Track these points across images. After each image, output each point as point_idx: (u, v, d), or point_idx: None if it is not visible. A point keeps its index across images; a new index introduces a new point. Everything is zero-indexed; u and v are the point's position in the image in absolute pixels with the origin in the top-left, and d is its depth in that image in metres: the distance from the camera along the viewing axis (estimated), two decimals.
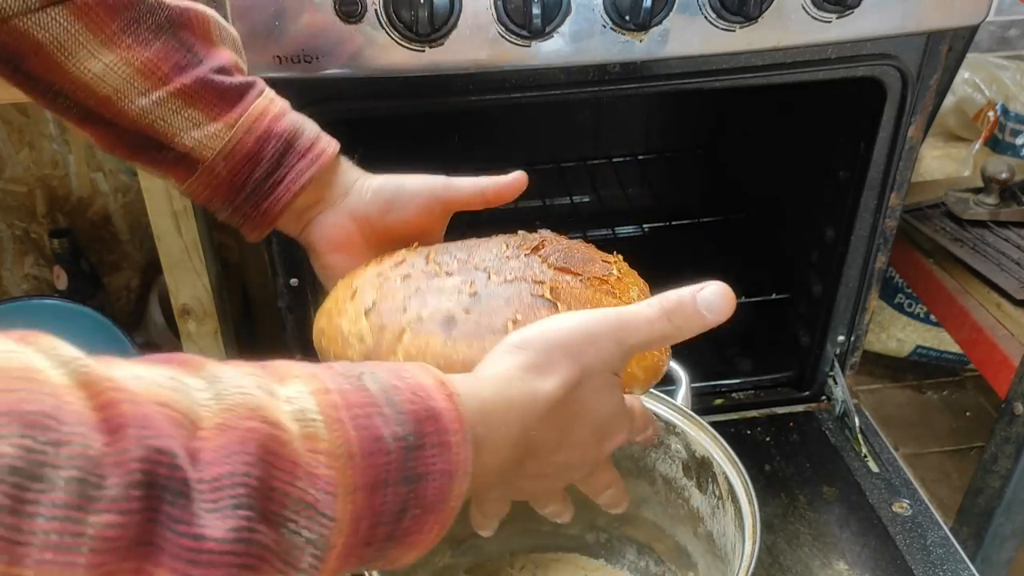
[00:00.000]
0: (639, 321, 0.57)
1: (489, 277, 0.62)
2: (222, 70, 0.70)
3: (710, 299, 0.59)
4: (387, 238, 0.73)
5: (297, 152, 0.71)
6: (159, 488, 0.35)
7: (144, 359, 0.41)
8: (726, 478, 0.83)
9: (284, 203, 0.71)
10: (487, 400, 0.49)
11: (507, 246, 0.67)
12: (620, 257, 0.71)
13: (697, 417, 0.88)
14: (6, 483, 0.32)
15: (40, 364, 0.35)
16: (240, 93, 0.70)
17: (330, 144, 0.73)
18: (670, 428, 0.90)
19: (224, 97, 0.70)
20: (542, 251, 0.65)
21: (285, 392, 0.42)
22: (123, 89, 0.67)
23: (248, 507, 0.37)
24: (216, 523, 0.36)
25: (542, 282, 0.62)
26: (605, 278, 0.65)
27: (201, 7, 0.71)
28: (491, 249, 0.66)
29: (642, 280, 0.70)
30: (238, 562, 0.37)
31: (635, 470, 0.95)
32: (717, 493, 0.85)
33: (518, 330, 0.54)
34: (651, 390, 0.88)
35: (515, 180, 0.74)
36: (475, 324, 0.60)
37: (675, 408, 0.90)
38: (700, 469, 0.87)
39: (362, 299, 0.65)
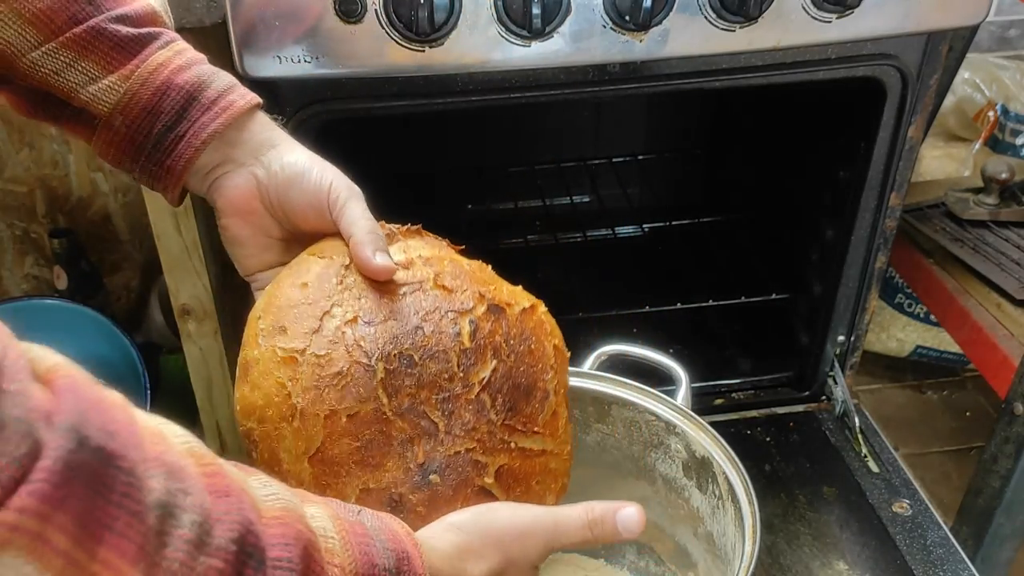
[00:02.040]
0: (567, 529, 0.63)
1: (437, 439, 0.63)
2: (123, 19, 0.66)
3: (626, 521, 0.65)
4: (285, 218, 0.70)
5: (201, 105, 0.67)
6: (246, 550, 0.43)
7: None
8: (726, 478, 0.83)
9: (186, 159, 0.67)
10: (435, 563, 0.56)
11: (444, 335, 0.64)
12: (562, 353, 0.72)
13: (697, 417, 0.88)
14: (154, 512, 0.39)
15: (167, 431, 0.44)
16: (140, 44, 0.66)
17: (242, 98, 0.68)
18: (670, 428, 0.90)
19: (120, 48, 0.65)
20: (491, 387, 0.64)
21: (310, 510, 0.50)
22: (15, 42, 0.64)
23: None
24: None
25: (486, 466, 0.64)
26: (544, 437, 0.68)
27: None
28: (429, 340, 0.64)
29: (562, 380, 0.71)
30: None
31: (635, 470, 0.95)
32: (717, 493, 0.85)
33: (458, 514, 0.61)
34: (651, 390, 0.89)
35: (374, 271, 0.65)
36: (420, 518, 0.61)
37: (675, 408, 0.90)
38: (700, 469, 0.87)
39: (304, 435, 0.61)
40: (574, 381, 0.91)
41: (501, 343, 0.65)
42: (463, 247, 0.73)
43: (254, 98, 0.69)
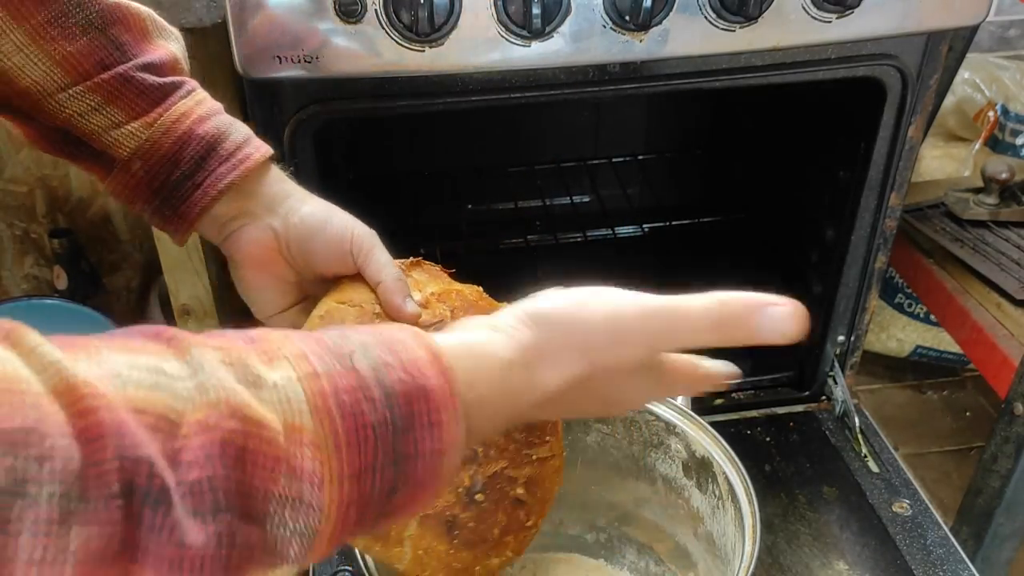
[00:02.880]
0: (683, 329, 0.55)
1: (478, 463, 0.69)
2: (150, 67, 0.68)
3: (774, 320, 0.57)
4: (305, 266, 0.72)
5: (219, 156, 0.68)
6: (140, 496, 0.35)
7: (129, 339, 0.40)
8: (726, 478, 0.83)
9: (201, 207, 0.69)
10: (482, 381, 0.48)
11: None
12: None
13: (697, 417, 0.88)
14: None
15: (23, 373, 0.35)
16: (164, 93, 0.68)
17: (258, 150, 0.70)
18: (670, 428, 0.90)
19: (145, 96, 0.67)
20: None
21: (272, 377, 0.41)
22: (43, 82, 0.65)
23: (228, 509, 0.37)
24: (197, 528, 0.36)
25: (516, 479, 0.70)
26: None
27: (138, 5, 0.69)
28: None
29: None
30: (222, 564, 0.37)
31: (635, 470, 0.95)
32: (717, 493, 0.85)
33: (535, 300, 0.53)
34: None
35: (407, 318, 0.68)
36: (472, 532, 0.68)
37: (675, 408, 0.90)
38: (700, 469, 0.87)
39: None
40: None
41: None
42: (454, 270, 0.77)
43: (268, 150, 0.71)
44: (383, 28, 0.85)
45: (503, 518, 0.70)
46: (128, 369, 0.38)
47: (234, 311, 1.34)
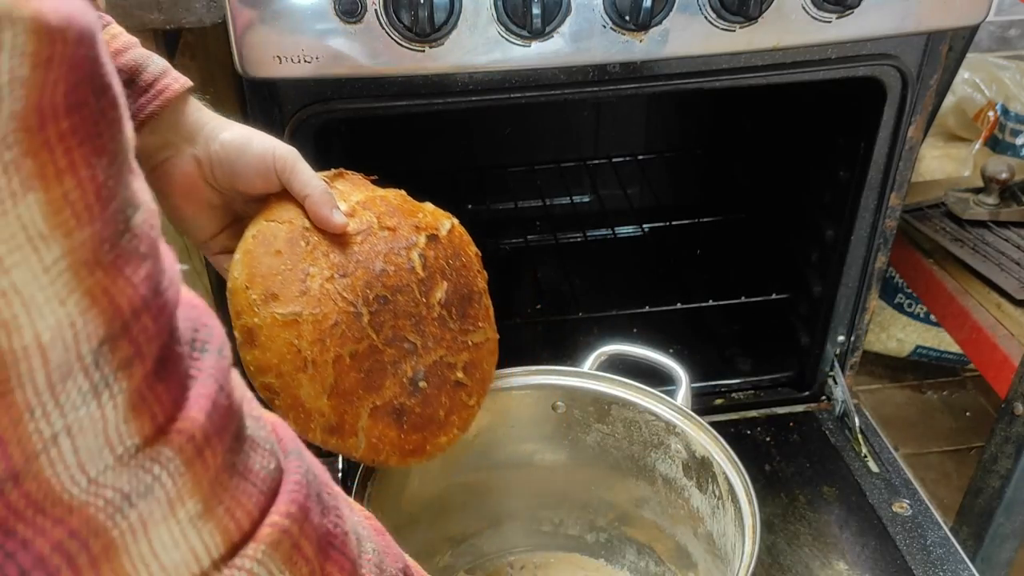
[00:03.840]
0: None
1: (417, 355, 0.76)
2: None
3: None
4: (231, 190, 0.73)
5: (138, 88, 0.69)
6: None
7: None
8: (726, 478, 0.83)
9: None
10: None
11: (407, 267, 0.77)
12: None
13: (697, 417, 0.88)
14: (352, 536, 0.43)
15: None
16: None
17: (176, 81, 0.71)
18: (670, 428, 0.90)
19: None
20: (446, 304, 0.79)
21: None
22: None
23: None
24: None
25: (455, 364, 0.79)
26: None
27: None
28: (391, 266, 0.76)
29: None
30: None
31: (635, 470, 0.95)
32: (717, 493, 0.85)
33: None
34: (651, 390, 0.89)
35: (336, 227, 0.73)
36: (420, 416, 0.77)
37: (675, 408, 0.90)
38: (700, 469, 0.87)
39: (319, 379, 0.71)
40: (574, 381, 0.92)
41: (443, 265, 0.79)
42: (375, 177, 0.83)
43: (187, 82, 0.72)
44: (383, 28, 0.85)
45: (446, 400, 0.79)
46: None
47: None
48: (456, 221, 0.85)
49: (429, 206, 0.84)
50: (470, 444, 0.94)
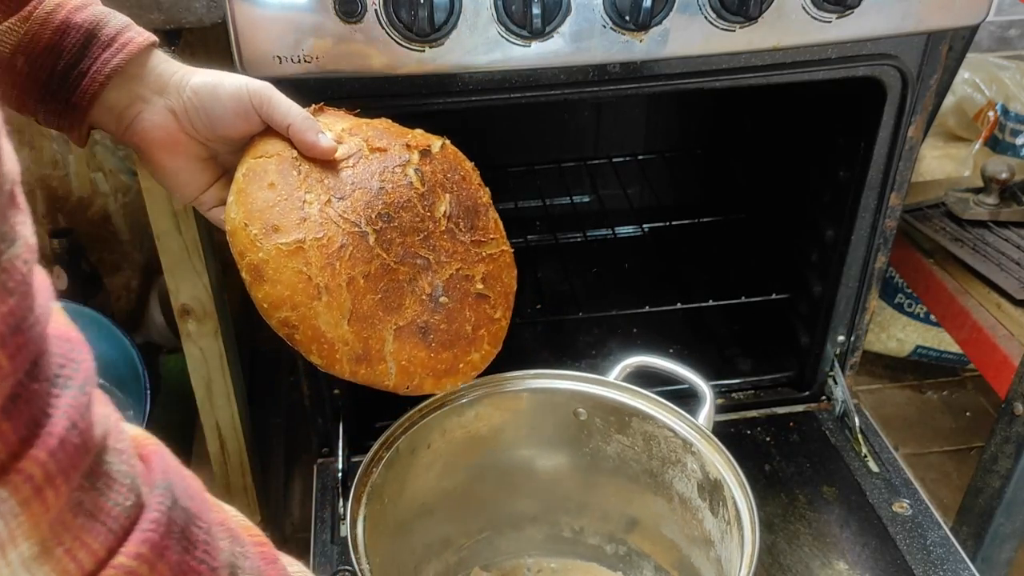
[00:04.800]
0: None
1: (432, 270, 0.75)
2: None
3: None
4: (211, 136, 0.72)
5: (101, 43, 0.68)
6: None
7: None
8: (735, 503, 0.82)
9: (91, 95, 0.68)
10: None
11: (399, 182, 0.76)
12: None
13: (714, 438, 0.88)
14: (225, 570, 0.42)
15: (222, 503, 0.46)
16: None
17: (140, 35, 0.70)
18: (687, 446, 0.89)
19: None
20: (452, 217, 0.78)
21: None
22: None
23: None
24: None
25: (473, 276, 0.78)
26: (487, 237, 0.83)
27: None
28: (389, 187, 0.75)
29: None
30: None
31: (653, 485, 0.95)
32: (726, 518, 0.84)
33: None
34: (672, 405, 0.90)
35: (324, 151, 0.72)
36: (446, 332, 0.75)
37: (693, 426, 0.89)
38: (713, 491, 0.87)
39: (336, 305, 0.70)
40: (598, 389, 0.92)
41: (442, 179, 0.78)
42: (359, 110, 0.82)
43: (151, 36, 0.71)
44: (383, 28, 0.85)
45: (471, 314, 0.77)
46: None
47: (234, 311, 1.34)
48: (447, 140, 0.84)
49: (418, 130, 0.83)
50: (489, 440, 0.94)
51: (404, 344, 0.73)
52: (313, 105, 0.80)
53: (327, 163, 0.73)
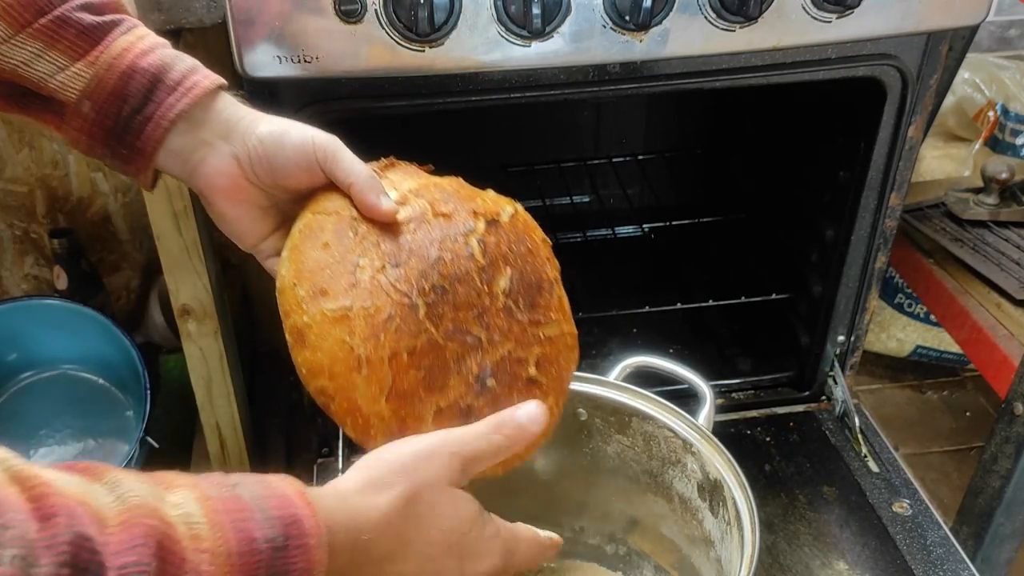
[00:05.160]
0: (471, 436, 0.64)
1: (483, 350, 0.70)
2: (88, 7, 0.67)
3: (529, 413, 0.67)
4: (273, 186, 0.71)
5: (166, 87, 0.68)
6: (81, 570, 0.41)
7: (54, 466, 0.46)
8: (735, 503, 0.82)
9: (155, 141, 0.68)
10: (334, 513, 0.55)
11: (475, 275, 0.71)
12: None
13: (713, 438, 0.88)
14: None
15: None
16: (104, 30, 0.67)
17: (206, 78, 0.70)
18: (687, 446, 0.89)
19: (85, 36, 0.67)
20: (512, 293, 0.72)
21: (172, 498, 0.48)
22: None
23: None
24: None
25: (526, 360, 0.72)
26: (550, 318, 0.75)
27: None
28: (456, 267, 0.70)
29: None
30: None
31: (653, 486, 0.95)
32: (726, 519, 0.84)
33: (373, 452, 0.62)
34: (672, 406, 0.89)
35: (385, 214, 0.69)
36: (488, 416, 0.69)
37: (694, 427, 0.89)
38: (713, 492, 0.87)
39: (376, 379, 0.67)
40: (598, 390, 0.92)
41: (506, 251, 0.72)
42: (431, 166, 0.78)
43: (218, 79, 0.71)
44: (383, 28, 0.85)
45: (519, 399, 0.70)
46: (63, 476, 0.45)
47: (234, 311, 1.34)
48: (520, 207, 0.78)
49: (490, 193, 0.78)
50: None
51: (443, 426, 0.68)
52: (383, 159, 0.77)
53: (387, 225, 0.69)
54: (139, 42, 0.68)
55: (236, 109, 0.71)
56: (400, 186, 0.73)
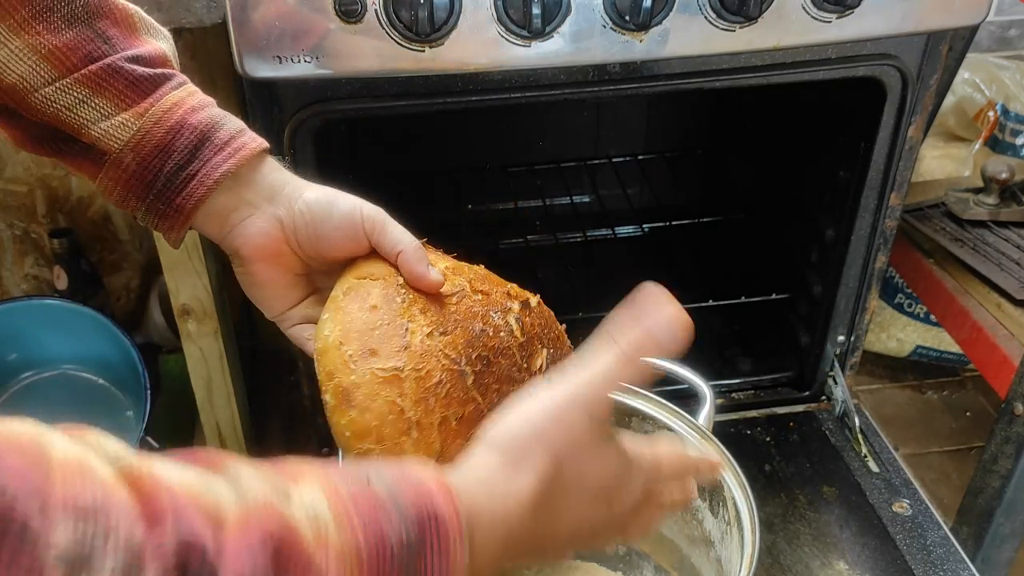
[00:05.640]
0: (601, 384, 0.58)
1: None
2: (139, 59, 0.67)
3: (664, 325, 0.59)
4: (313, 253, 0.70)
5: (214, 146, 0.67)
6: (190, 574, 0.38)
7: (173, 456, 0.44)
8: (735, 503, 0.82)
9: (198, 198, 0.67)
10: (477, 503, 0.50)
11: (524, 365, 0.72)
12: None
13: (713, 438, 0.87)
14: (60, 568, 0.35)
15: (93, 461, 0.39)
16: (155, 83, 0.67)
17: (254, 140, 0.69)
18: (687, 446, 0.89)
19: (135, 87, 0.66)
20: (546, 372, 0.72)
21: (299, 494, 0.45)
22: (28, 77, 0.64)
23: None
24: None
25: None
26: None
27: (125, 2, 0.68)
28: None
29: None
30: None
31: None
32: (726, 519, 0.84)
33: (491, 426, 0.56)
34: (672, 406, 0.89)
35: (432, 284, 0.69)
36: None
37: (693, 426, 0.89)
38: (713, 492, 0.87)
39: (425, 444, 0.65)
40: None
41: (540, 332, 0.74)
42: (456, 254, 0.78)
43: (264, 142, 0.70)
44: (383, 28, 0.85)
45: None
46: (179, 471, 0.42)
47: (234, 311, 1.34)
48: (540, 298, 0.80)
49: (513, 284, 0.80)
50: None
51: None
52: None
53: (431, 296, 0.69)
54: (189, 98, 0.68)
55: (281, 174, 0.71)
56: (437, 264, 0.73)
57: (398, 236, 0.69)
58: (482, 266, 0.78)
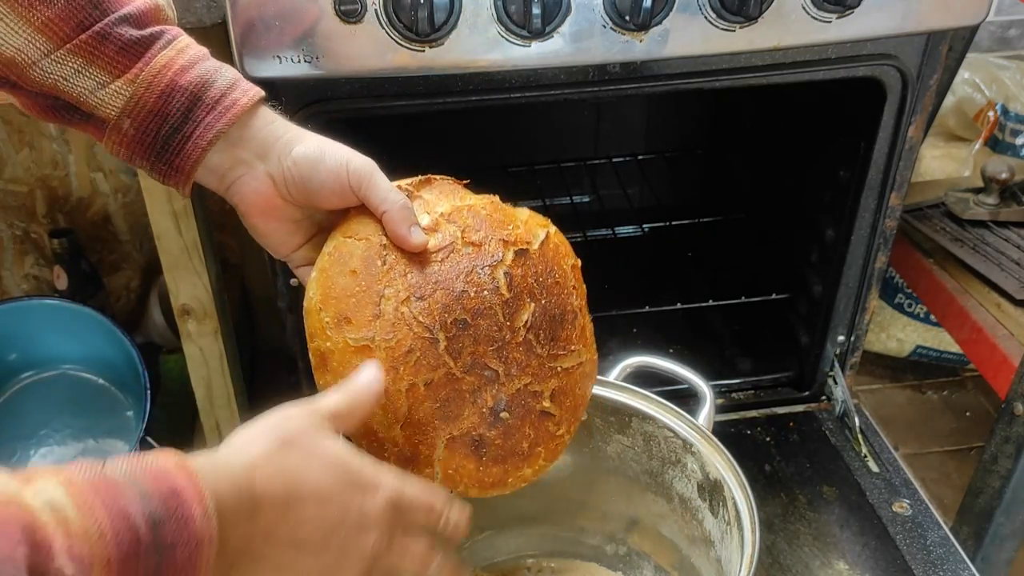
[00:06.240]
0: (328, 398, 0.63)
1: (499, 383, 0.71)
2: (128, 19, 0.67)
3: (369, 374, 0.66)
4: (309, 204, 0.72)
5: (205, 105, 0.68)
6: None
7: None
8: (735, 503, 0.82)
9: (194, 160, 0.69)
10: (219, 473, 0.53)
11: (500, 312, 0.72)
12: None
13: (714, 438, 0.88)
14: None
15: None
16: (144, 46, 0.67)
17: (245, 94, 0.69)
18: (687, 446, 0.89)
19: (125, 52, 0.67)
20: (533, 327, 0.72)
21: (33, 488, 0.45)
22: (26, 50, 0.65)
23: None
24: None
25: (541, 393, 0.73)
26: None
27: None
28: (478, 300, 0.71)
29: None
30: None
31: (653, 485, 0.95)
32: (727, 519, 0.84)
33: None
34: (672, 406, 0.89)
35: (414, 246, 0.70)
36: (500, 448, 0.72)
37: (694, 427, 0.89)
38: (713, 492, 0.87)
39: (392, 408, 0.68)
40: (597, 390, 0.92)
41: (532, 284, 0.73)
42: (468, 181, 0.78)
43: (257, 93, 0.70)
44: (383, 28, 0.85)
45: (531, 432, 0.73)
46: None
47: (234, 311, 1.34)
48: (553, 229, 0.79)
49: (524, 213, 0.79)
50: None
51: (454, 454, 0.71)
52: (420, 176, 0.77)
53: (417, 256, 0.71)
54: (179, 57, 0.68)
55: (274, 127, 0.71)
56: (433, 209, 0.74)
57: (383, 194, 0.70)
58: (492, 199, 0.78)
